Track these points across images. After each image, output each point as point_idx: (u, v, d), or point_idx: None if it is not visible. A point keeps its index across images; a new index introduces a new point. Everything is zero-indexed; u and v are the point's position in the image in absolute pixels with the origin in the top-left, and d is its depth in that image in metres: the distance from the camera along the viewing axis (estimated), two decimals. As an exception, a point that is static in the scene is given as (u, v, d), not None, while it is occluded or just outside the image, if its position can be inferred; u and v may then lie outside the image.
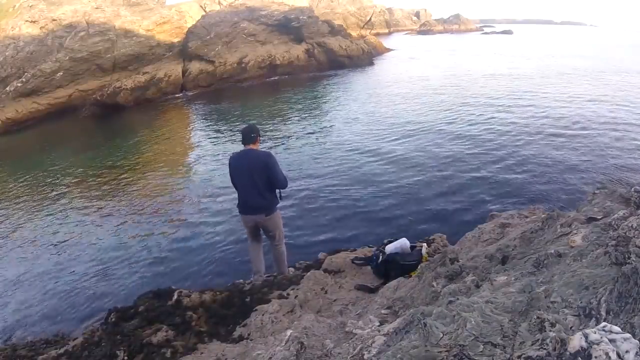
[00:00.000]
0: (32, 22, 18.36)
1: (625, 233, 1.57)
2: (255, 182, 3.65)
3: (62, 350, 2.67)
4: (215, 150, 11.32)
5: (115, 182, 9.55)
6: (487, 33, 66.22)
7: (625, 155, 8.84)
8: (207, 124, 15.24)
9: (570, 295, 1.27)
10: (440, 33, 64.94)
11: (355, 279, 3.49)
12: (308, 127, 13.11)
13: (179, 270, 5.68)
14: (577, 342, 0.89)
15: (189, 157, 11.46)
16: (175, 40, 23.33)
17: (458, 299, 1.46)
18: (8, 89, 17.11)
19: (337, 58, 26.20)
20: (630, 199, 2.34)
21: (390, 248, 3.55)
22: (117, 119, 17.48)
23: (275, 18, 25.47)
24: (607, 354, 0.84)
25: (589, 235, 1.80)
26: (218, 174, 9.21)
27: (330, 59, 26.08)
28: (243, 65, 23.40)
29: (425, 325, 1.23)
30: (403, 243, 3.59)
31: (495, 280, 1.71)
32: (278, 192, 3.87)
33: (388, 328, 1.52)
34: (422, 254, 3.40)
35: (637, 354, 0.85)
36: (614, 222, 1.82)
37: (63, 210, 8.22)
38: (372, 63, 27.45)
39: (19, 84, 17.35)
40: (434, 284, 2.18)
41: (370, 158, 9.52)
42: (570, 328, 1.12)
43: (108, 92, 19.06)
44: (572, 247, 1.76)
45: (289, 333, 1.83)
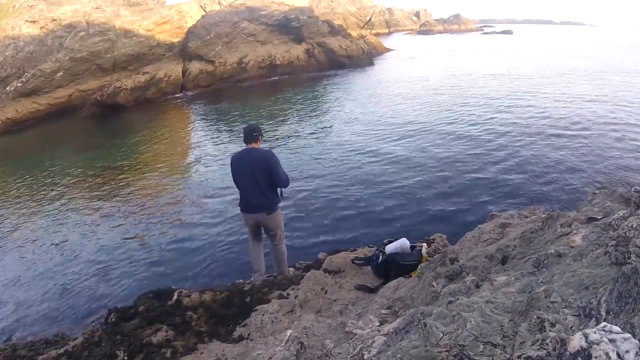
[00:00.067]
0: (32, 22, 18.34)
1: (625, 233, 1.57)
2: (257, 180, 3.66)
3: (62, 350, 2.68)
4: (215, 150, 11.31)
5: (115, 182, 9.55)
6: (487, 33, 66.23)
7: (625, 156, 8.84)
8: (207, 124, 15.24)
9: (570, 295, 1.27)
10: (440, 33, 64.93)
11: (355, 279, 3.49)
12: (308, 127, 13.12)
13: (179, 270, 5.69)
14: (577, 342, 0.89)
15: (189, 157, 11.45)
16: (175, 40, 23.32)
17: (458, 299, 1.46)
18: (8, 89, 17.10)
19: (337, 58, 26.19)
20: (630, 199, 2.34)
21: (390, 248, 3.55)
22: (117, 119, 17.47)
23: (275, 18, 25.47)
24: (607, 354, 0.84)
25: (589, 235, 1.80)
26: (218, 174, 9.21)
27: (330, 59, 26.08)
28: (243, 65, 23.40)
29: (425, 325, 1.23)
30: (403, 243, 3.59)
31: (495, 280, 1.71)
32: (279, 190, 3.88)
33: (388, 328, 1.52)
34: (422, 254, 3.41)
35: (637, 354, 0.85)
36: (614, 222, 1.82)
37: (63, 210, 8.22)
38: (372, 63, 27.44)
39: (19, 84, 17.33)
40: (434, 284, 2.18)
41: (371, 158, 9.51)
42: (570, 328, 1.12)
43: (108, 92, 19.05)
44: (572, 247, 1.76)
45: (289, 333, 1.83)
